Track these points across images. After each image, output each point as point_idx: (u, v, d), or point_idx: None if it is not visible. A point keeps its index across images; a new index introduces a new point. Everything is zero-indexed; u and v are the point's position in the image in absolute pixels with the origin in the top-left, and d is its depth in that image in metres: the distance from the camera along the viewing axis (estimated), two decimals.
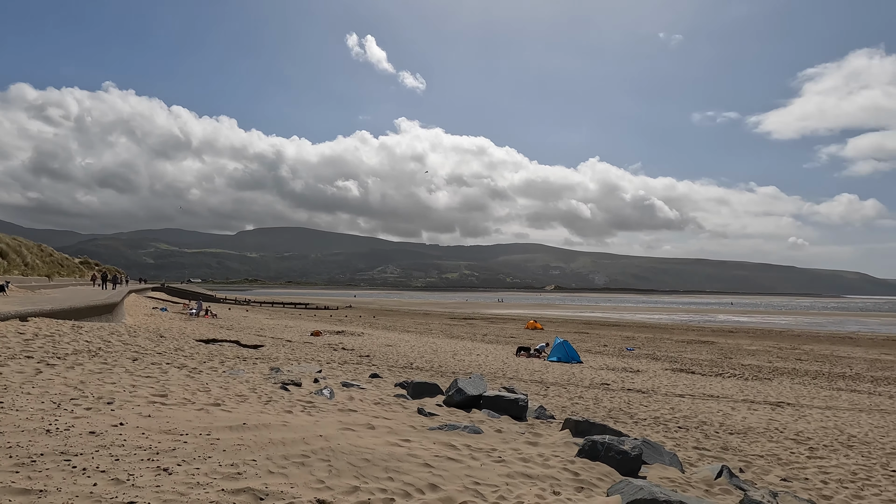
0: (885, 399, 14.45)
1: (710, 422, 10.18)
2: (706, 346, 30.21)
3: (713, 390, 14.56)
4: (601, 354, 24.15)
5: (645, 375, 17.02)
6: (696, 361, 22.61)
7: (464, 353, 20.92)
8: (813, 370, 20.82)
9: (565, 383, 14.55)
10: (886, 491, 6.54)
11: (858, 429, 10.20)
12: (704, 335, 39.12)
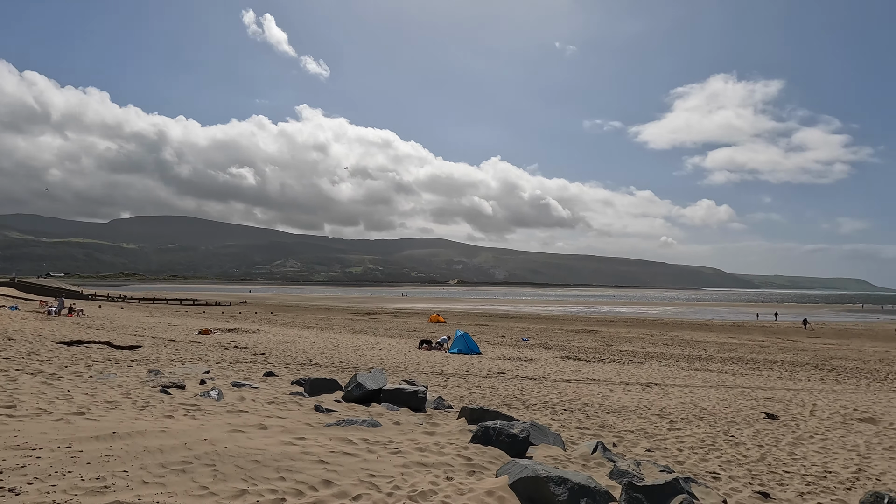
0: (730, 376, 16.96)
1: (592, 403, 11.20)
2: (591, 335, 33.05)
3: (595, 375, 16.00)
4: (499, 345, 25.35)
5: (537, 364, 18.20)
6: (582, 349, 24.66)
7: (366, 348, 20.74)
8: (676, 354, 23.77)
9: (464, 374, 15.07)
10: (726, 453, 7.71)
11: (708, 402, 11.86)
12: (590, 325, 42.78)
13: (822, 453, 8.01)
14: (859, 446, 8.50)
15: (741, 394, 13.25)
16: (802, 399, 12.74)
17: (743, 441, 8.50)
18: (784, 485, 6.44)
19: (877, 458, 7.90)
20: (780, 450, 8.09)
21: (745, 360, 22.21)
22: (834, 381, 16.82)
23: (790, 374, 18.23)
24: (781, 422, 10.11)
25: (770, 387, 14.81)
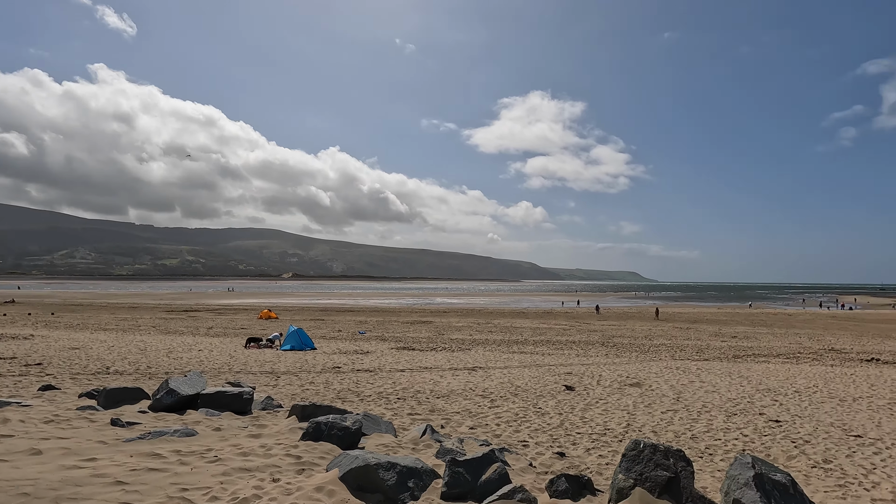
0: (539, 356, 19.46)
1: (423, 390, 11.77)
2: (425, 326, 34.62)
3: (428, 363, 16.84)
4: (335, 339, 24.90)
5: (374, 356, 18.40)
6: (417, 339, 25.69)
7: (182, 350, 18.41)
8: (498, 339, 26.36)
9: (298, 371, 14.46)
10: (534, 423, 8.87)
11: (522, 381, 13.45)
12: (424, 316, 44.76)
13: (604, 415, 9.76)
14: (629, 406, 10.57)
15: (548, 371, 15.32)
16: (592, 372, 15.29)
17: (547, 411, 9.87)
18: (576, 444, 7.68)
19: (640, 413, 9.93)
20: (574, 415, 9.61)
21: (552, 341, 25.72)
22: (615, 355, 20.54)
23: (584, 351, 21.71)
24: (576, 392, 12.00)
25: (570, 363, 17.43)
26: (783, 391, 12.48)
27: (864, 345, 26.20)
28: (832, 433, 8.70)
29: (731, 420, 9.53)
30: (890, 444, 8.09)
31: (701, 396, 11.65)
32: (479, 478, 4.14)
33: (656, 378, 14.16)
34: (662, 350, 22.60)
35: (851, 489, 6.11)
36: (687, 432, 8.63)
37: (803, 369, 16.77)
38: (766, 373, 15.67)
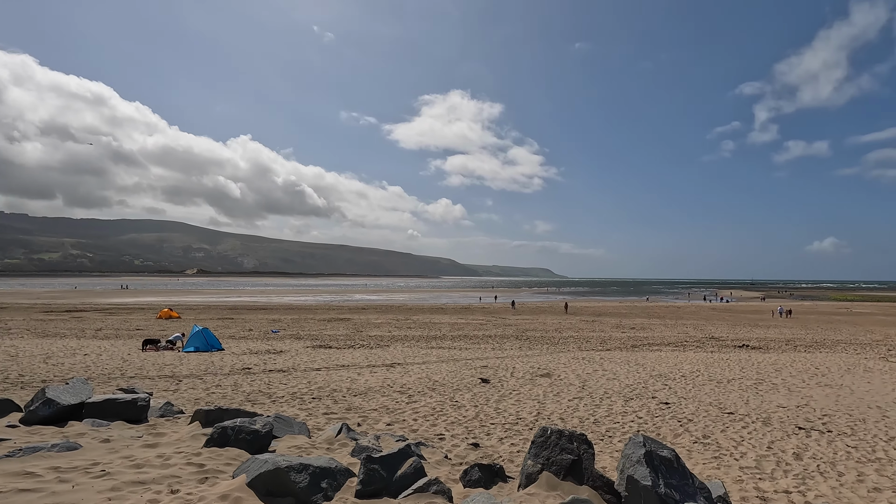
0: (457, 351, 19.87)
1: (340, 388, 11.53)
2: (343, 323, 33.88)
3: (345, 360, 16.51)
4: (246, 339, 23.57)
5: (287, 355, 17.67)
6: (334, 337, 25.07)
7: (63, 355, 16.40)
8: (417, 335, 26.50)
9: (202, 374, 13.50)
10: (451, 416, 9.05)
11: (440, 375, 13.65)
12: (342, 313, 43.79)
13: (517, 405, 10.20)
14: (540, 395, 11.14)
15: (465, 365, 15.69)
16: (507, 364, 15.90)
17: (464, 404, 10.11)
18: (490, 434, 7.96)
19: (549, 402, 10.50)
20: (489, 407, 9.94)
21: (469, 336, 26.36)
22: (528, 348, 21.53)
23: (500, 345, 22.51)
24: (492, 384, 12.41)
25: (486, 357, 17.98)
26: (672, 376, 13.84)
27: (738, 333, 29.81)
28: (710, 412, 9.81)
29: (629, 404, 10.40)
30: (755, 418, 9.30)
31: (603, 384, 12.57)
32: (394, 473, 4.15)
33: (564, 368, 15.05)
34: (570, 342, 24.06)
35: (724, 459, 6.95)
36: (590, 417, 9.28)
37: (689, 356, 18.71)
38: (658, 360, 17.28)
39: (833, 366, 16.13)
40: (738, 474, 6.34)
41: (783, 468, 6.63)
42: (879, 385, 12.83)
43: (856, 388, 12.42)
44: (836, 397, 11.24)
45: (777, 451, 7.38)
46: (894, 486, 6.01)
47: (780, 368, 15.41)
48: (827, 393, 11.72)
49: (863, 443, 7.82)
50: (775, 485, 5.98)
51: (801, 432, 8.38)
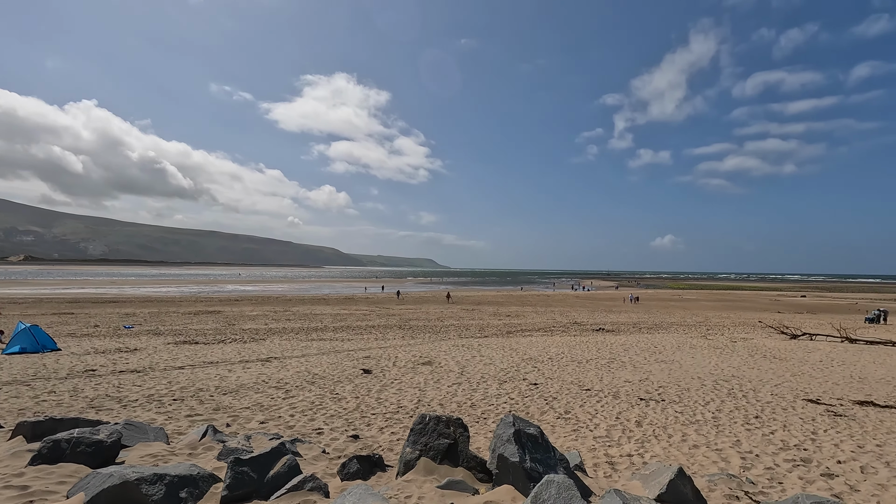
0: (339, 342, 19.44)
1: (207, 387, 10.59)
2: (213, 316, 31.13)
3: (214, 357, 15.21)
4: (90, 337, 20.48)
5: (143, 353, 15.75)
6: (202, 331, 22.94)
7: None
8: (297, 327, 25.37)
9: (31, 379, 11.44)
10: (331, 409, 8.84)
11: (320, 368, 13.24)
12: (212, 305, 40.21)
13: (398, 394, 10.31)
14: (421, 383, 11.39)
15: (347, 356, 15.42)
16: (389, 354, 15.97)
17: (344, 396, 9.94)
18: (370, 425, 7.93)
19: (430, 389, 10.79)
20: (370, 397, 9.90)
21: (352, 327, 25.94)
22: (411, 337, 21.84)
23: (383, 335, 22.51)
24: (374, 374, 12.37)
25: (368, 347, 17.86)
26: (541, 359, 15.08)
27: (596, 318, 33.46)
28: (572, 389, 10.89)
29: (503, 387, 11.10)
30: (607, 393, 10.54)
31: (480, 369, 13.25)
32: (266, 474, 3.94)
33: (445, 356, 15.56)
34: (451, 330, 24.93)
35: (581, 432, 7.77)
36: (468, 401, 9.73)
37: (555, 340, 20.54)
38: (529, 345, 18.69)
39: (668, 344, 18.90)
40: (592, 444, 7.14)
41: (627, 435, 7.61)
42: (700, 359, 15.34)
43: (683, 362, 14.70)
44: (669, 371, 13.20)
45: (623, 420, 8.46)
46: (707, 443, 7.24)
47: (628, 348, 17.64)
48: (662, 368, 13.70)
49: (687, 408, 9.29)
50: (621, 450, 6.86)
51: (641, 403, 9.70)
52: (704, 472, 5.87)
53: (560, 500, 2.76)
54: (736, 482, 5.06)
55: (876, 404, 9.86)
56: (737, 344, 19.43)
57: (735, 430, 7.93)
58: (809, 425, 8.23)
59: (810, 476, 5.93)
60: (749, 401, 9.96)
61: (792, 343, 20.24)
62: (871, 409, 9.52)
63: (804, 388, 11.40)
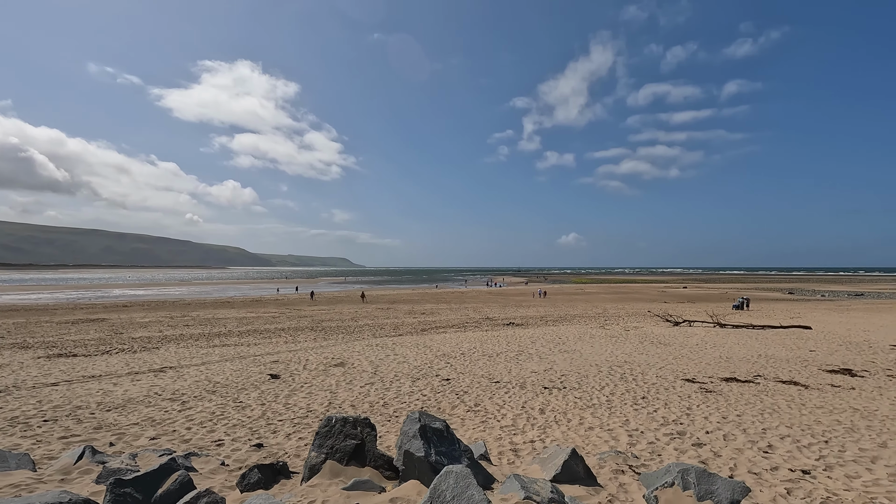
0: (245, 347, 18.37)
1: (87, 404, 9.51)
2: (96, 324, 27.91)
3: (97, 370, 13.66)
4: None
5: (6, 371, 13.72)
6: (81, 342, 20.47)
7: None
8: (197, 333, 23.55)
9: None
10: (233, 419, 8.35)
11: (223, 375, 12.43)
12: (95, 312, 36.01)
13: (308, 398, 10.00)
14: (332, 385, 11.14)
15: (253, 362, 14.63)
16: (300, 357, 15.41)
17: (249, 404, 9.44)
18: (277, 432, 7.62)
19: (342, 391, 10.59)
20: (277, 403, 9.50)
21: (259, 331, 24.62)
22: (323, 338, 21.22)
23: (293, 338, 21.64)
24: (282, 379, 11.88)
25: (277, 351, 17.08)
26: (454, 354, 15.42)
27: (507, 313, 34.87)
28: (482, 383, 11.28)
29: (416, 384, 11.20)
30: (515, 384, 11.06)
31: (394, 367, 13.26)
32: (153, 493, 3.64)
33: (358, 356, 15.35)
34: (366, 330, 24.62)
35: (489, 423, 8.09)
36: (380, 401, 9.70)
37: (468, 335, 21.11)
38: (443, 341, 19.03)
39: (570, 335, 20.23)
40: (499, 433, 7.47)
41: (531, 422, 8.06)
42: (598, 348, 16.62)
43: (584, 351, 15.84)
44: (570, 360, 14.14)
45: (528, 409, 8.93)
46: (601, 424, 7.89)
47: (535, 340, 18.62)
48: (565, 357, 14.65)
49: (585, 394, 10.04)
50: (524, 437, 7.25)
51: (545, 391, 10.31)
52: (596, 450, 6.40)
53: (458, 488, 2.88)
54: (622, 457, 5.58)
55: (738, 380, 11.36)
56: (629, 332, 21.31)
57: (625, 410, 8.71)
58: (686, 402, 9.27)
59: (684, 447, 6.70)
60: (638, 383, 10.99)
61: (675, 329, 22.62)
62: (735, 384, 10.94)
63: (683, 369, 12.81)
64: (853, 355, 15.09)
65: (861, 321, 26.18)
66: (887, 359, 14.45)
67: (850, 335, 20.12)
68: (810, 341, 18.32)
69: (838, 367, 13.14)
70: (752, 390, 10.28)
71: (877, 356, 14.94)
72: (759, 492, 5.06)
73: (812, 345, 17.37)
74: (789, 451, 6.51)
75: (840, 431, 7.39)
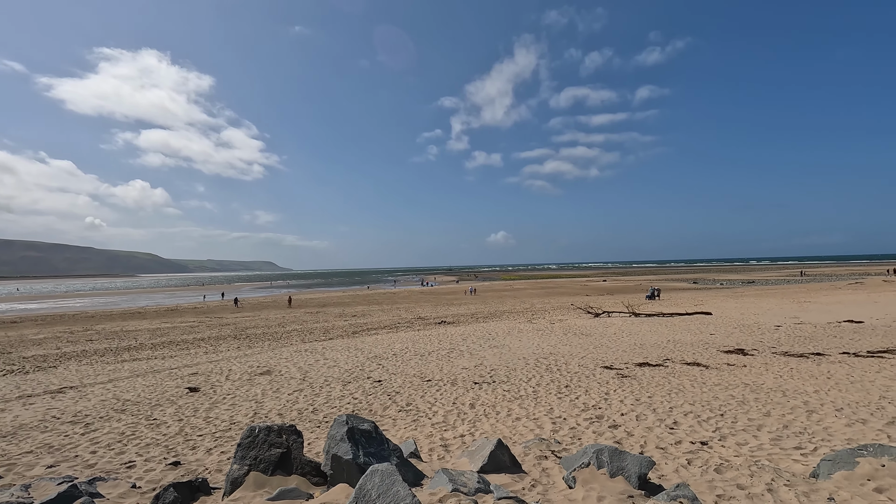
0: (159, 360, 17.08)
1: None
2: None
3: None
4: None
5: None
6: None
7: None
8: (102, 348, 21.52)
9: None
10: (146, 437, 7.76)
11: (133, 393, 11.49)
12: None
13: (231, 409, 9.52)
14: (258, 395, 10.68)
15: (169, 375, 13.65)
16: (221, 368, 14.60)
17: (165, 420, 8.82)
18: (196, 448, 7.20)
19: (268, 400, 10.19)
20: (197, 418, 8.96)
21: (176, 342, 22.98)
22: (247, 346, 20.24)
23: (214, 347, 20.43)
24: (202, 392, 11.20)
25: (196, 363, 16.05)
26: (385, 356, 15.35)
27: (438, 311, 35.21)
28: (414, 382, 11.34)
29: (347, 388, 11.04)
30: (446, 381, 11.23)
31: (324, 372, 12.96)
32: None
33: (286, 363, 14.83)
34: (294, 335, 23.81)
35: (421, 421, 8.17)
36: (309, 407, 9.45)
37: (400, 336, 21.08)
38: (375, 343, 18.86)
39: (500, 331, 20.85)
40: (430, 430, 7.57)
41: (462, 417, 8.25)
42: (526, 342, 17.28)
43: (512, 345, 16.40)
44: (500, 355, 14.60)
45: (459, 405, 9.12)
46: (527, 414, 8.25)
47: (466, 337, 18.98)
48: (495, 352, 15.09)
49: (513, 387, 10.42)
50: (455, 432, 7.41)
51: (475, 386, 10.57)
52: (522, 439, 6.69)
53: (383, 486, 2.92)
54: (546, 444, 5.88)
55: (650, 364, 12.33)
56: (555, 325, 22.35)
57: (550, 399, 9.16)
58: (604, 388, 9.92)
59: (601, 430, 7.18)
60: (562, 373, 11.59)
61: (595, 321, 24.04)
62: (647, 368, 11.86)
63: (602, 357, 13.67)
64: (745, 336, 16.90)
65: (752, 306, 29.33)
66: (772, 338, 16.33)
67: (743, 318, 22.48)
68: (711, 326, 20.25)
69: (733, 347, 14.65)
70: (662, 373, 11.20)
71: (764, 336, 16.83)
72: (665, 464, 5.56)
73: (712, 329, 19.22)
74: (691, 425, 7.20)
75: (733, 405, 8.27)
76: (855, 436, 6.46)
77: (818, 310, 25.24)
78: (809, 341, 15.29)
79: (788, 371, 10.91)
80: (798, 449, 6.01)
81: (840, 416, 7.36)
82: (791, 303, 30.25)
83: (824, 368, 11.03)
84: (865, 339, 15.40)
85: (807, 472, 4.97)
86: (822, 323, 19.71)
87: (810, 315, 22.86)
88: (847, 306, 26.49)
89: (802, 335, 16.62)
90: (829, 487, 4.27)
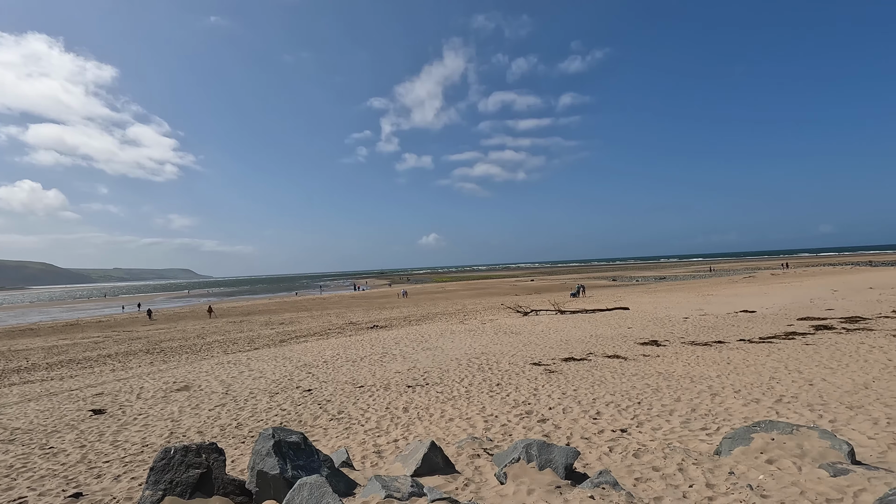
0: (56, 382, 15.37)
1: None
2: None
3: None
4: None
5: None
6: None
7: None
8: None
9: None
10: (41, 469, 6.94)
11: (25, 420, 10.24)
12: None
13: (143, 430, 8.77)
14: (174, 413, 9.93)
15: (68, 398, 12.32)
16: (132, 386, 13.41)
17: (63, 448, 7.95)
18: (102, 475, 6.55)
19: (186, 417, 9.49)
20: (103, 442, 8.16)
21: (76, 360, 20.79)
22: (162, 361, 18.74)
23: (123, 364, 18.72)
24: (109, 413, 10.22)
25: (101, 382, 14.61)
26: (315, 363, 14.88)
27: (371, 316, 34.71)
28: (346, 389, 11.09)
29: (274, 399, 10.56)
30: (379, 386, 11.09)
31: (249, 384, 12.31)
32: None
33: (207, 376, 13.91)
34: (215, 346, 22.41)
35: (353, 428, 8.01)
36: (233, 422, 8.93)
37: (331, 342, 20.53)
38: (304, 351, 18.22)
39: (433, 333, 20.94)
40: (362, 437, 7.44)
41: (395, 422, 8.18)
42: (458, 342, 17.50)
43: (445, 347, 16.53)
44: (433, 357, 14.66)
45: (392, 409, 9.05)
46: (460, 414, 8.35)
47: (398, 341, 18.87)
48: (428, 355, 15.13)
49: (447, 388, 10.50)
50: (388, 437, 7.33)
51: (409, 390, 10.54)
52: (455, 439, 6.77)
53: (312, 499, 2.82)
54: (478, 442, 5.99)
55: (575, 359, 12.95)
56: (486, 325, 22.83)
57: (482, 398, 9.34)
58: (533, 384, 10.28)
59: (531, 424, 7.44)
60: (493, 372, 11.86)
61: (524, 319, 24.86)
62: (573, 363, 12.45)
63: (531, 354, 14.16)
64: (658, 328, 18.25)
65: (663, 300, 31.76)
66: (681, 329, 17.78)
67: (656, 312, 24.28)
68: (629, 320, 21.66)
69: (648, 339, 15.77)
70: (586, 367, 11.81)
71: (674, 327, 18.29)
72: (589, 453, 5.87)
73: (630, 322, 20.57)
74: (612, 415, 7.65)
75: (649, 393, 8.90)
76: (750, 414, 7.20)
77: (719, 302, 27.85)
78: (712, 331, 16.82)
79: (695, 359, 11.93)
80: (704, 430, 6.59)
81: (738, 398, 8.16)
82: (697, 296, 33.12)
83: (725, 355, 12.18)
84: (757, 326, 17.21)
85: (711, 450, 5.47)
86: (722, 314, 21.76)
87: (713, 307, 25.15)
88: (743, 298, 29.46)
89: (706, 325, 18.25)
90: (729, 462, 4.72)
